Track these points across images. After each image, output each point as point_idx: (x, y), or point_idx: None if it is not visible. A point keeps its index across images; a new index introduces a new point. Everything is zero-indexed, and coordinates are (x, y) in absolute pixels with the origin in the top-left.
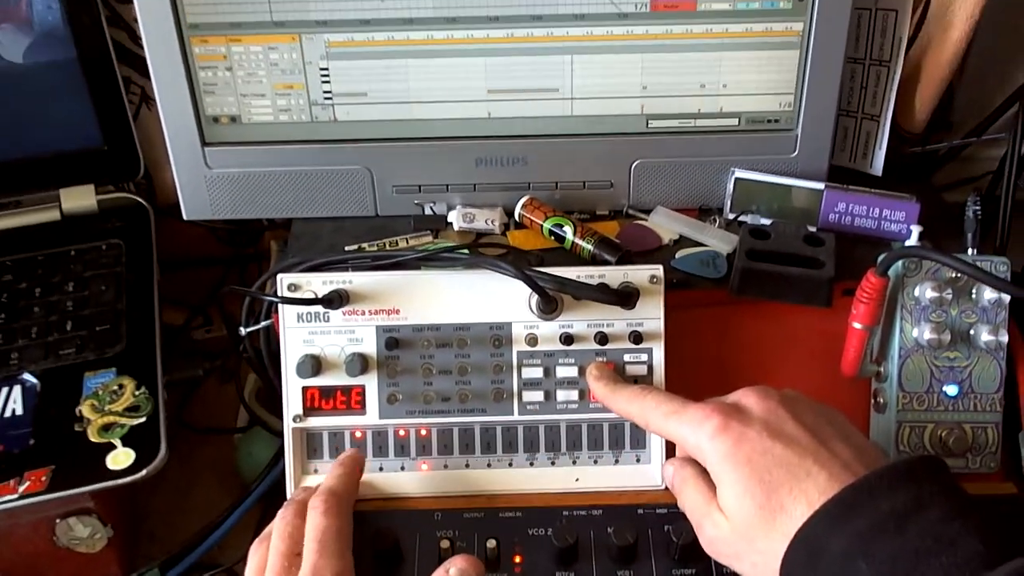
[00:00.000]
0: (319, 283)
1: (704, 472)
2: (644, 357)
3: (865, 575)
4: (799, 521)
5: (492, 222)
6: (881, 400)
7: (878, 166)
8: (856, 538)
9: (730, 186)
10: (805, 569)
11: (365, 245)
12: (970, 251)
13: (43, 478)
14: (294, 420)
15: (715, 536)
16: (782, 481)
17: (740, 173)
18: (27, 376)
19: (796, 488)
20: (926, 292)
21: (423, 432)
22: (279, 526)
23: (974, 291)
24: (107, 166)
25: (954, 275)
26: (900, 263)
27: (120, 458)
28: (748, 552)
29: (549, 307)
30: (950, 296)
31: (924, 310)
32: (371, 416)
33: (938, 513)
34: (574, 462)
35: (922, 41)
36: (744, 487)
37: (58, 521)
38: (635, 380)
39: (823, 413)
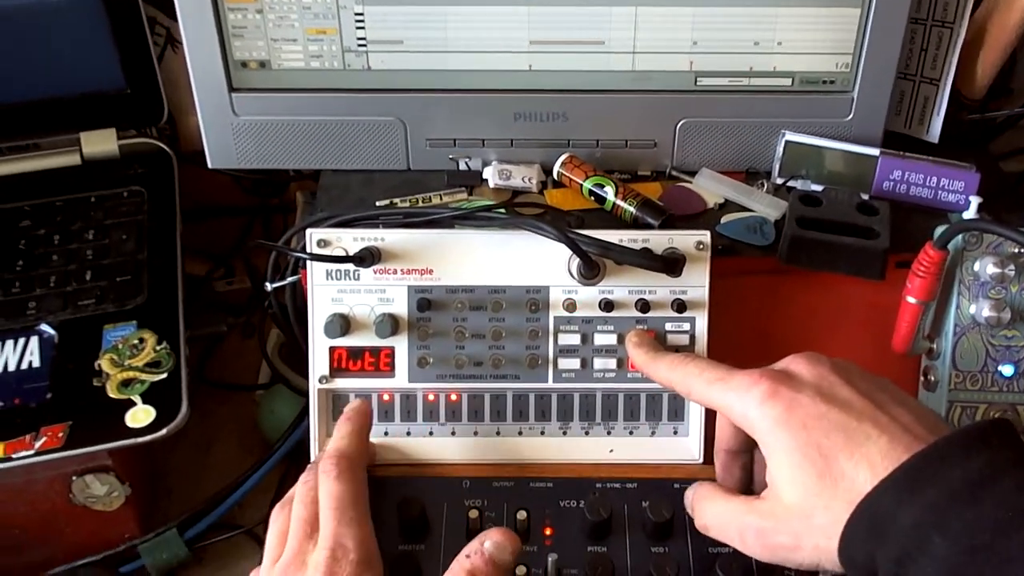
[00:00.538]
0: (350, 239)
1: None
2: (687, 327)
3: (939, 548)
4: (862, 487)
5: (529, 180)
6: (932, 378)
7: (935, 133)
8: (928, 509)
9: (780, 149)
10: (869, 541)
11: (397, 200)
12: None
13: (60, 434)
14: (320, 381)
15: (768, 527)
16: (841, 446)
17: (791, 136)
18: (44, 327)
19: (856, 452)
20: (987, 268)
21: (453, 397)
22: (301, 491)
23: None
24: (129, 110)
25: (1017, 251)
26: (960, 236)
27: (140, 415)
28: (807, 532)
29: (591, 272)
30: (1012, 272)
31: (983, 286)
32: (400, 379)
33: (1015, 482)
34: (609, 432)
35: (988, 3)
36: (802, 453)
37: (74, 478)
38: (676, 350)
39: (876, 380)
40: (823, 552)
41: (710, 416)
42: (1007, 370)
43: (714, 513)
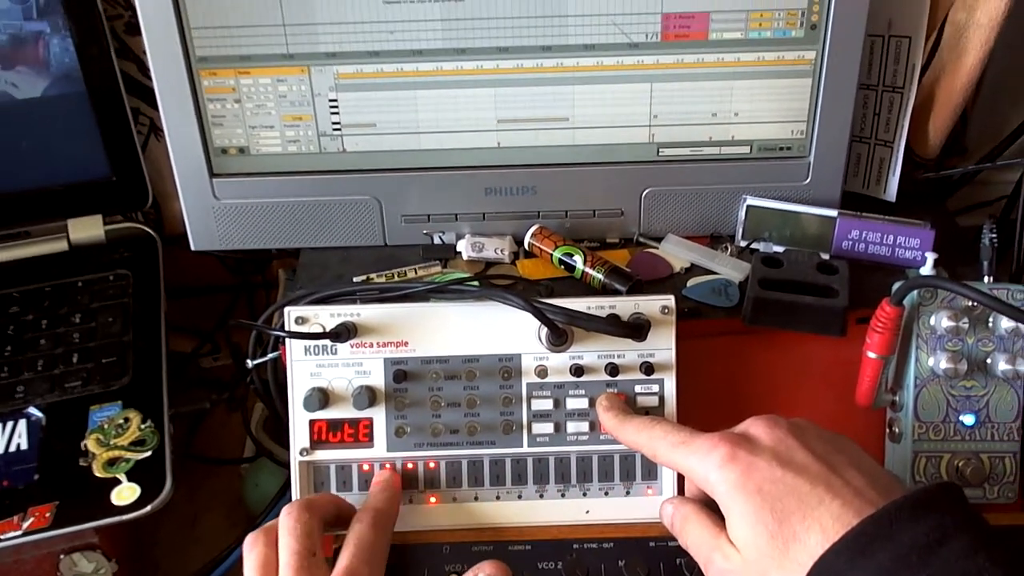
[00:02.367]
0: (327, 316)
1: (706, 507)
2: (655, 388)
3: None
4: (814, 550)
5: (502, 251)
6: (896, 430)
7: (892, 192)
8: (878, 572)
9: (742, 213)
10: None
11: (373, 276)
12: (986, 279)
13: (47, 514)
14: (301, 453)
15: (726, 569)
16: (793, 510)
17: (752, 200)
18: (32, 410)
19: (809, 516)
20: (942, 321)
21: (431, 465)
22: (289, 523)
23: (991, 320)
24: (115, 196)
25: (970, 304)
26: (915, 292)
27: (125, 493)
28: None
29: (559, 339)
30: (966, 325)
31: (940, 339)
32: (379, 449)
33: (962, 546)
34: (584, 494)
35: (936, 67)
36: (756, 517)
37: (62, 557)
38: (646, 411)
39: (833, 440)
40: None
41: (681, 475)
42: (968, 419)
43: (689, 537)
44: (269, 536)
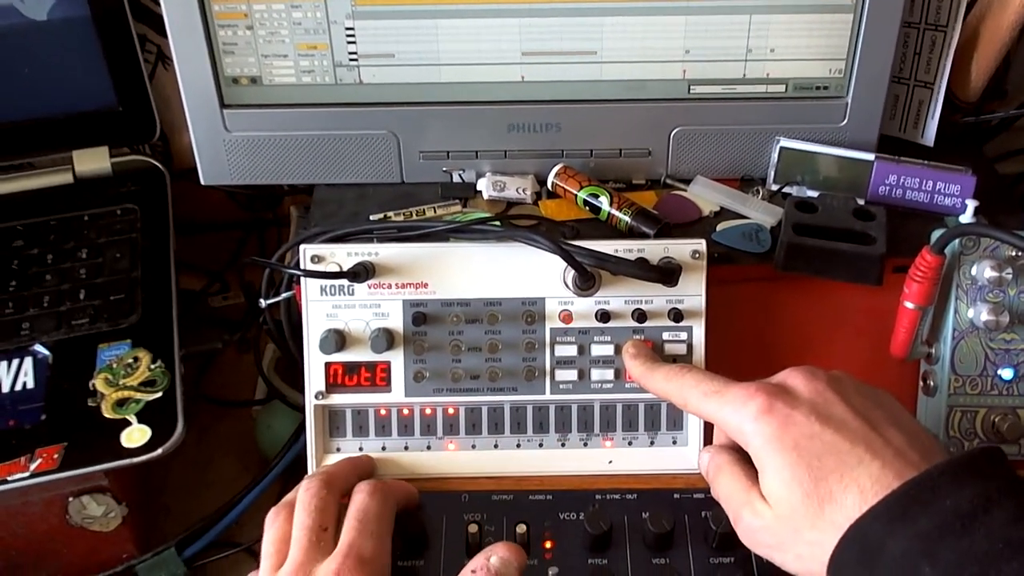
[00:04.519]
0: (343, 255)
1: (742, 458)
2: (684, 336)
3: None
4: (851, 512)
5: (523, 191)
6: (931, 383)
7: (930, 136)
8: (918, 539)
9: (775, 156)
10: (858, 568)
11: (391, 214)
12: None
13: (55, 455)
14: (316, 397)
15: (756, 525)
16: (832, 468)
17: (785, 142)
18: (38, 347)
19: (847, 476)
20: (984, 271)
21: (450, 411)
22: (304, 499)
23: None
24: (122, 128)
25: (1014, 253)
26: (956, 241)
27: (135, 435)
28: (793, 542)
29: (586, 283)
30: (1010, 276)
31: (981, 290)
32: (397, 394)
33: (1006, 514)
34: (607, 444)
35: (981, 5)
36: (791, 473)
37: (71, 499)
38: (674, 359)
39: (873, 396)
40: (804, 561)
41: (708, 425)
42: (1006, 373)
43: (721, 488)
44: (289, 510)
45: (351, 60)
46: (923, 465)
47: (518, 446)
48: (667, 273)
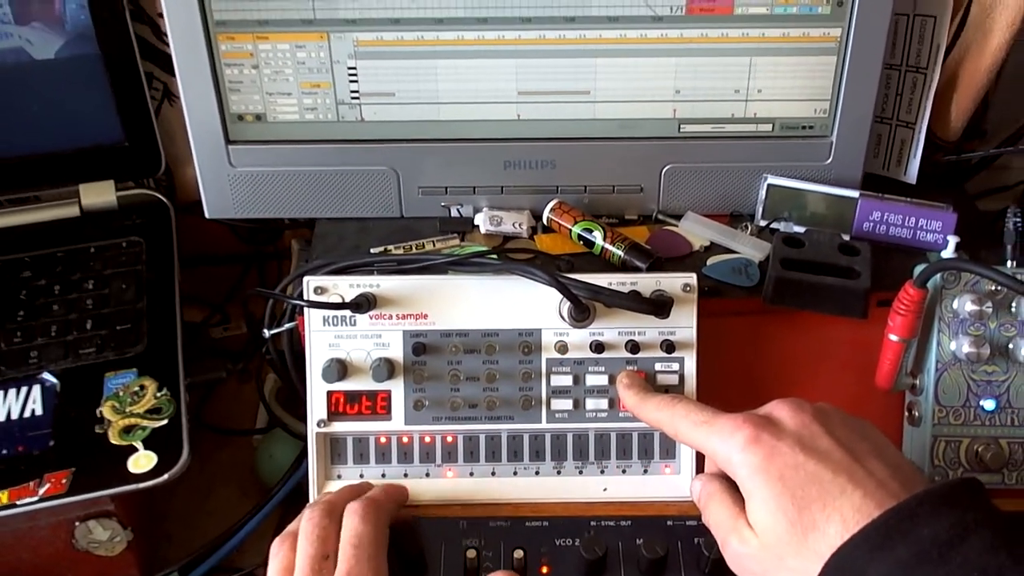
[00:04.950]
0: (346, 286)
1: (732, 487)
2: (676, 367)
3: None
4: (833, 540)
5: (520, 225)
6: (916, 413)
7: (912, 174)
8: (898, 567)
9: (763, 192)
10: None
11: (391, 247)
12: (1009, 263)
13: (63, 480)
14: (318, 425)
15: (742, 552)
16: (815, 498)
17: (773, 179)
18: (47, 375)
19: (830, 506)
20: (965, 305)
21: (449, 439)
22: (307, 528)
23: (1014, 304)
24: (128, 162)
25: (994, 288)
26: (938, 275)
27: (142, 461)
28: (777, 570)
29: (582, 315)
30: (990, 309)
31: (962, 323)
32: (397, 422)
33: (982, 542)
34: (602, 471)
35: (960, 48)
36: (776, 503)
37: (77, 524)
38: (666, 390)
39: (858, 427)
40: None
41: (700, 454)
42: (989, 404)
43: (711, 515)
44: (293, 540)
45: (353, 98)
46: (904, 495)
47: (515, 474)
48: (660, 305)
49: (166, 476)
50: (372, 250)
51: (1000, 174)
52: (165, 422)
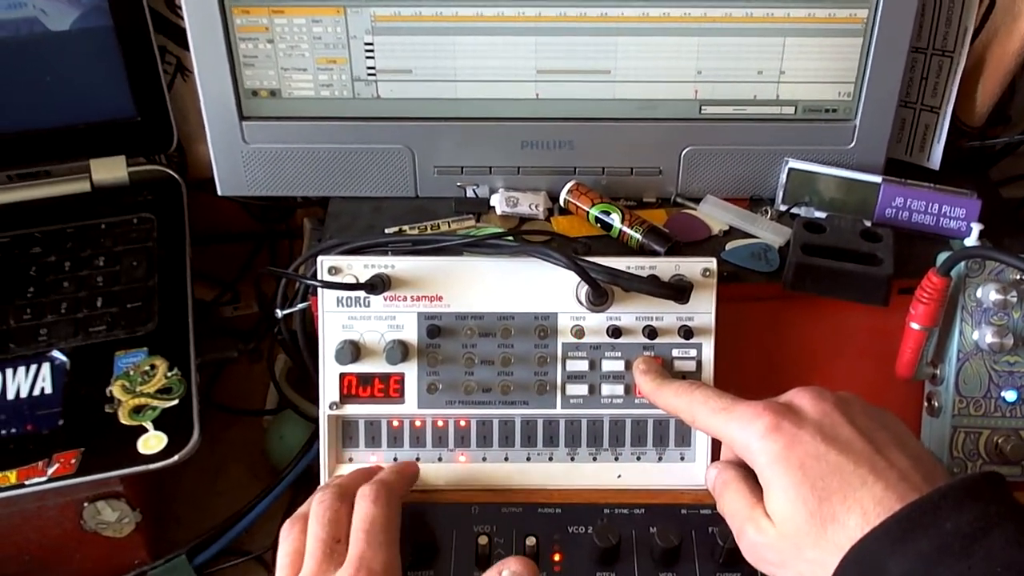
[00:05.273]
0: (360, 266)
1: (748, 475)
2: (693, 352)
3: None
4: (852, 532)
5: (536, 207)
6: (936, 404)
7: (935, 159)
8: (919, 560)
9: (783, 176)
10: None
11: (406, 228)
12: None
13: (72, 461)
14: (330, 407)
15: (759, 542)
16: (835, 489)
17: (794, 163)
18: (56, 353)
19: (850, 497)
20: (989, 294)
21: (462, 423)
22: (318, 511)
23: None
24: (139, 137)
25: (1019, 277)
26: (962, 263)
27: (152, 442)
28: (795, 561)
29: (599, 299)
30: (1014, 299)
31: (986, 312)
32: (410, 405)
33: (1005, 536)
34: (616, 458)
35: (988, 32)
36: (795, 492)
37: (86, 505)
38: (683, 376)
39: (879, 417)
40: None
41: (716, 442)
42: (1010, 396)
43: (727, 503)
44: (303, 523)
45: (369, 75)
46: (925, 488)
47: (528, 459)
48: (679, 290)
49: (176, 457)
50: (386, 230)
51: None
52: (176, 402)
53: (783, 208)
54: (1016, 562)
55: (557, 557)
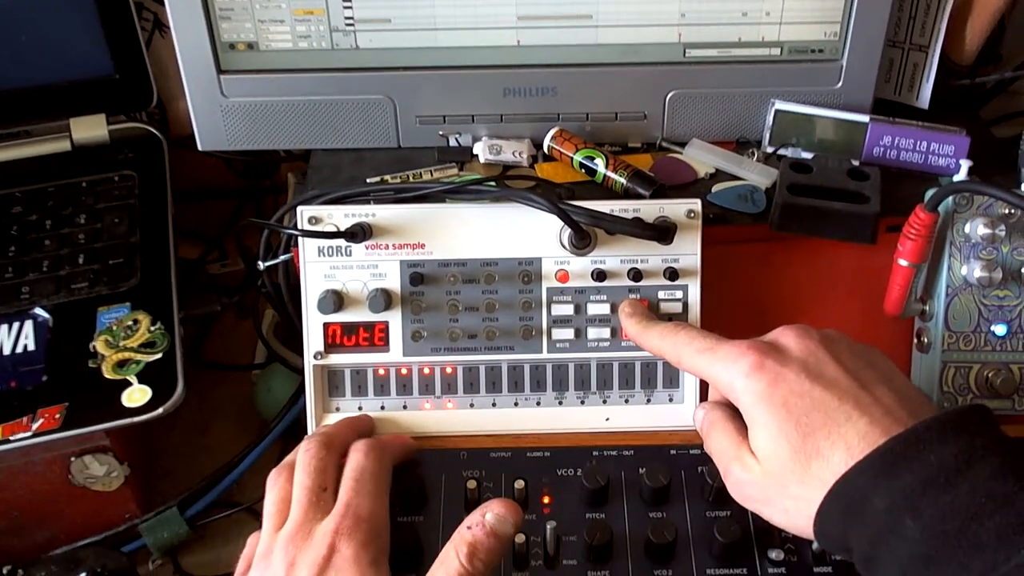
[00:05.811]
0: (341, 216)
1: (735, 415)
2: (679, 294)
3: (911, 532)
4: (837, 468)
5: (520, 154)
6: (925, 340)
7: (924, 99)
8: (902, 493)
9: (770, 118)
10: (843, 522)
11: (388, 177)
12: None
13: (57, 415)
14: (315, 357)
15: (744, 479)
16: (819, 425)
17: (781, 105)
18: (39, 311)
19: (834, 433)
20: (977, 228)
21: (448, 370)
22: (304, 459)
23: None
24: (119, 95)
25: (1007, 211)
26: (950, 199)
27: (136, 395)
28: (779, 497)
29: (582, 242)
30: (1003, 233)
31: (974, 247)
32: (395, 353)
33: (990, 469)
34: (604, 401)
35: None
36: (779, 429)
37: (73, 459)
38: (669, 318)
39: (864, 355)
40: (791, 516)
41: (704, 383)
42: (1000, 330)
43: (713, 443)
44: (290, 472)
45: (347, 25)
46: (911, 423)
47: (516, 404)
48: (662, 231)
49: (160, 410)
50: (368, 180)
51: (1015, 99)
52: (159, 356)
53: (770, 150)
54: (999, 494)
55: (546, 500)
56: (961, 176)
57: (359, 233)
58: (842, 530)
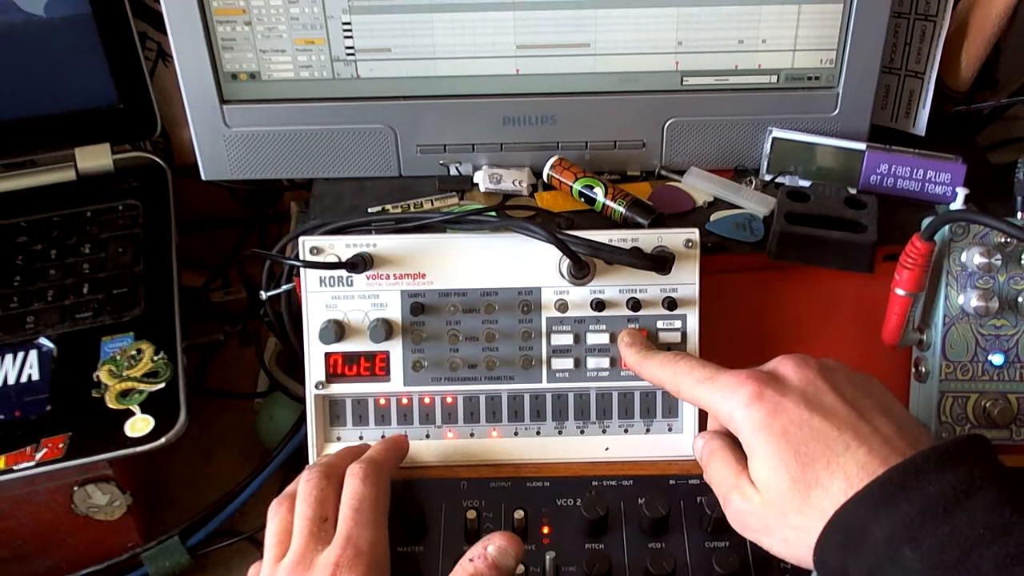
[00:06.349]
0: (342, 246)
1: (734, 444)
2: (678, 324)
3: (911, 562)
4: (836, 497)
5: (520, 183)
6: (923, 369)
7: (921, 125)
8: (901, 524)
9: (767, 146)
10: (843, 552)
11: (389, 207)
12: (1020, 215)
13: (60, 445)
14: (317, 387)
15: (744, 509)
16: (819, 455)
17: (778, 132)
18: (43, 340)
19: (833, 463)
20: (974, 258)
21: (449, 400)
22: (305, 489)
23: (1023, 257)
24: (123, 125)
25: (1003, 240)
26: (946, 227)
27: (139, 425)
28: (779, 527)
29: (581, 272)
30: (999, 262)
31: (971, 276)
32: (396, 383)
33: (988, 499)
34: (604, 431)
35: None
36: (779, 459)
37: (76, 488)
38: (668, 347)
39: (863, 384)
40: (791, 546)
41: (703, 412)
42: (997, 359)
43: (712, 472)
44: (291, 502)
45: (348, 55)
46: (909, 452)
47: (516, 434)
48: (660, 261)
49: (163, 439)
50: (370, 209)
51: (1012, 125)
52: (162, 385)
53: (768, 178)
54: (997, 524)
55: (546, 529)
56: (957, 204)
57: (360, 263)
58: (842, 560)
